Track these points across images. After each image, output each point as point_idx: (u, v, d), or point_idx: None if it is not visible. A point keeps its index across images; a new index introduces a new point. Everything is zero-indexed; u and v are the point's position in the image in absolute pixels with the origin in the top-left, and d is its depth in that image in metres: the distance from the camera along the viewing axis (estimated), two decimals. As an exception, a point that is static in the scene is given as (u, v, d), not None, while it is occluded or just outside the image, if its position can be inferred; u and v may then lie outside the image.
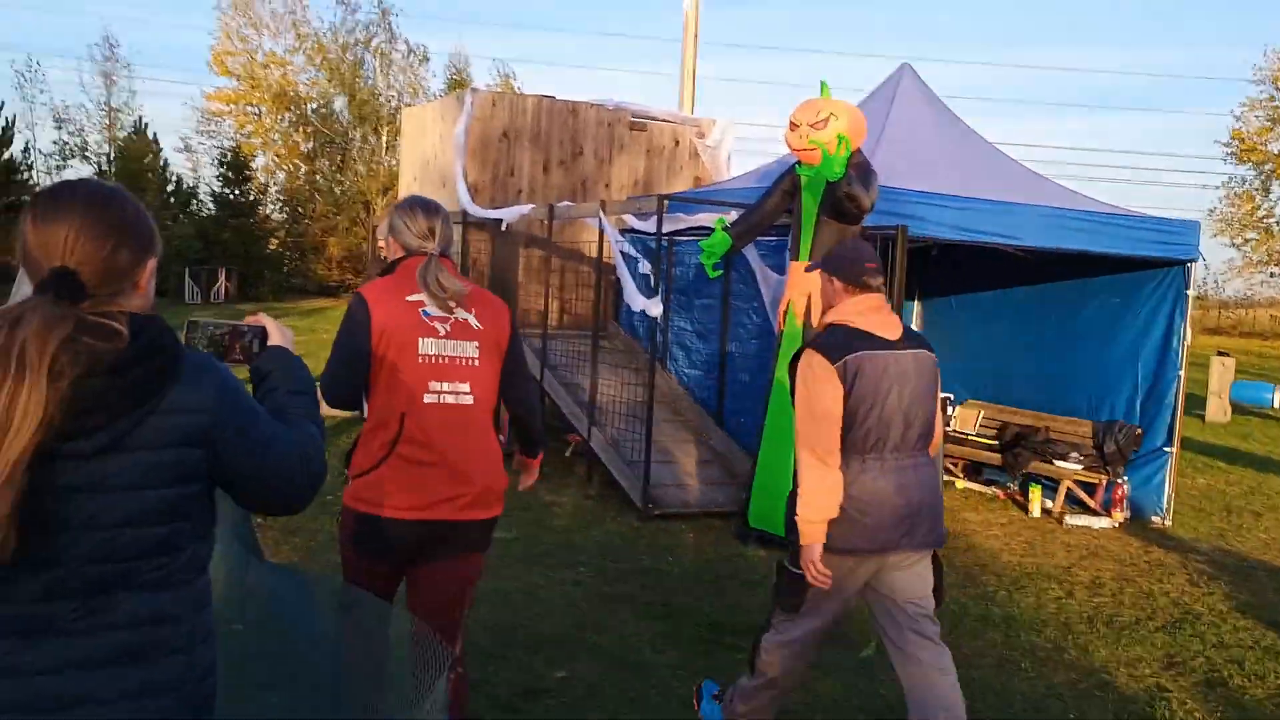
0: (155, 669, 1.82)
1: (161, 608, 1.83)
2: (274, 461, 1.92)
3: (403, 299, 3.26)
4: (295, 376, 2.15)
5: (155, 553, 1.81)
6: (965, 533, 8.16)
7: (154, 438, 1.78)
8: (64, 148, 37.82)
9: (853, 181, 6.91)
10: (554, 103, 11.02)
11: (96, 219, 1.81)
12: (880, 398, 3.67)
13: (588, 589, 6.19)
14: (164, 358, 1.80)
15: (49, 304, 1.72)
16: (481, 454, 3.31)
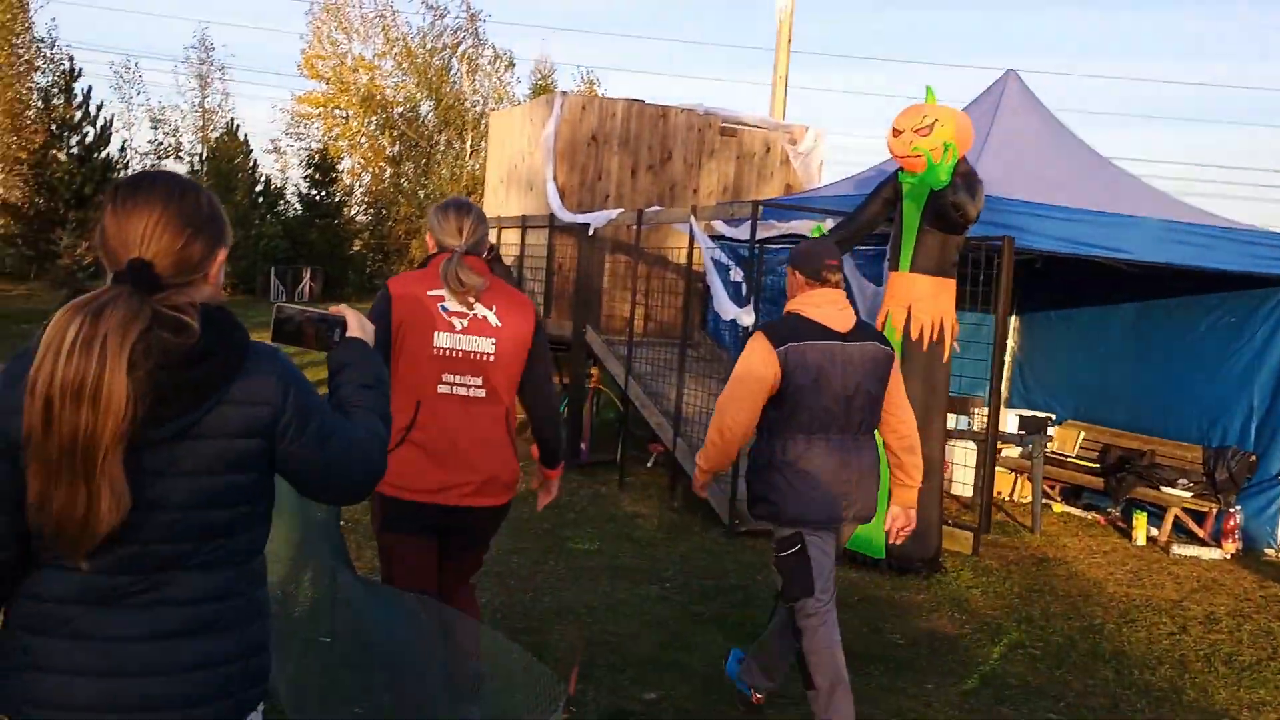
0: (213, 643, 1.90)
1: (220, 586, 1.91)
2: (333, 454, 1.98)
3: (424, 293, 3.44)
4: (368, 369, 2.18)
5: (217, 534, 1.89)
6: (1065, 559, 7.79)
7: (220, 427, 1.85)
8: (159, 147, 38.62)
9: (959, 190, 6.62)
10: (644, 107, 10.85)
11: (173, 211, 1.86)
12: (824, 383, 3.97)
13: (674, 606, 5.98)
14: (232, 351, 1.86)
15: (127, 296, 1.77)
16: (490, 445, 3.50)
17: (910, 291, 7.07)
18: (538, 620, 5.59)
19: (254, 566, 2.00)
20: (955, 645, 5.71)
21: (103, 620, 1.84)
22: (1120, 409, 9.91)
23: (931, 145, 6.72)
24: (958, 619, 6.17)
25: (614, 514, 8.07)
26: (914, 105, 7.08)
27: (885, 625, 5.93)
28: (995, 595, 6.71)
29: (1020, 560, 7.63)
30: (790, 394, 3.97)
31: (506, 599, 5.90)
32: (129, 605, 1.85)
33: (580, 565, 6.68)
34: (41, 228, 28.65)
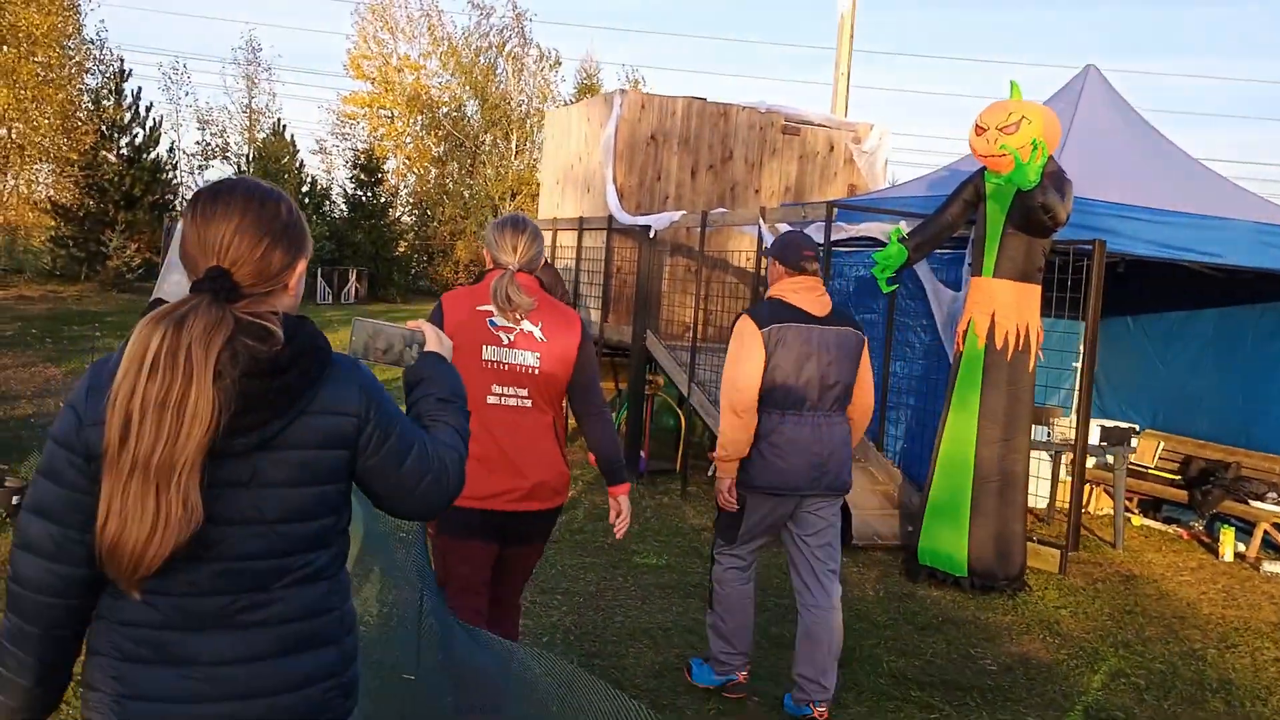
0: (314, 658, 1.88)
1: (315, 600, 1.89)
2: (411, 467, 1.95)
3: (474, 308, 3.61)
4: (446, 384, 2.17)
5: (306, 548, 1.87)
6: (1153, 577, 7.43)
7: (304, 437, 1.82)
8: (206, 148, 38.88)
9: (1048, 191, 6.31)
10: (704, 104, 10.58)
11: (255, 219, 1.83)
12: (802, 363, 4.35)
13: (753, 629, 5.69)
14: (316, 360, 1.84)
15: (208, 304, 1.75)
16: (537, 453, 3.64)
17: (993, 298, 6.75)
18: (611, 643, 5.33)
19: (343, 579, 1.99)
20: (1052, 672, 5.39)
21: (202, 644, 1.81)
22: (1202, 418, 9.52)
23: (1019, 143, 6.41)
24: (1050, 642, 5.85)
25: (679, 526, 7.80)
26: (999, 101, 6.77)
27: (975, 650, 5.63)
28: (1085, 616, 6.37)
29: (1106, 578, 7.29)
30: (769, 372, 4.35)
31: (576, 619, 5.65)
32: (227, 627, 1.82)
33: (649, 582, 6.43)
34: (92, 229, 28.81)
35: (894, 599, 6.45)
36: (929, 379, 8.11)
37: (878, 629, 5.84)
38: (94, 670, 1.83)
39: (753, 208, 10.51)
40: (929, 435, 7.99)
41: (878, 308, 8.68)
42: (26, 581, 1.80)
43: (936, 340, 8.01)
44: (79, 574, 1.79)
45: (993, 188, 6.76)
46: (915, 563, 6.93)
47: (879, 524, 7.65)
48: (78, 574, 1.79)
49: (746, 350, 4.35)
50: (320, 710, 1.90)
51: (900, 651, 5.50)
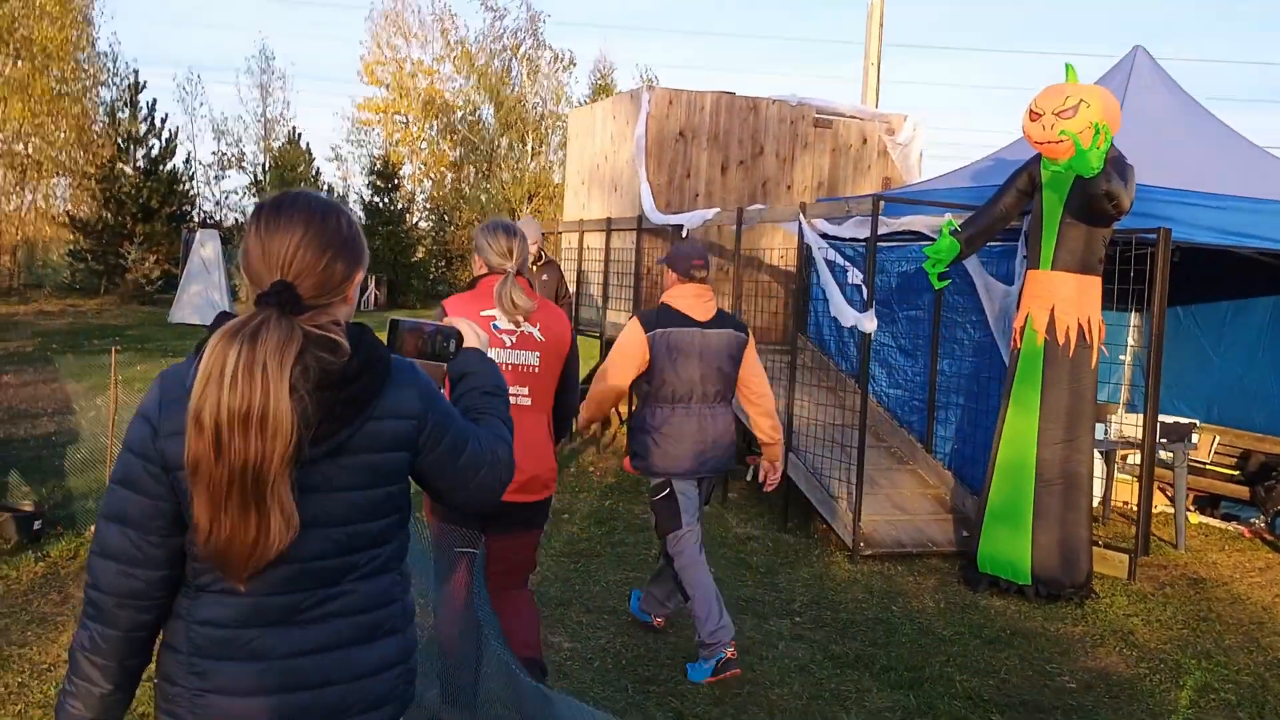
0: (381, 648, 1.96)
1: (381, 593, 1.96)
2: (468, 460, 2.04)
3: (477, 313, 3.81)
4: (488, 377, 2.25)
5: (372, 545, 1.94)
6: (1221, 579, 7.09)
7: (369, 442, 1.90)
8: (222, 158, 38.75)
9: (1112, 177, 5.98)
10: (733, 99, 10.27)
11: (317, 232, 1.88)
12: (687, 363, 4.89)
13: (812, 646, 5.40)
14: (380, 368, 1.90)
15: (277, 318, 1.78)
16: (534, 448, 3.85)
17: (1053, 291, 6.43)
18: (665, 667, 5.04)
19: (405, 571, 2.06)
20: (1135, 689, 5.08)
21: (279, 639, 1.88)
22: (1259, 411, 9.17)
23: (1078, 128, 6.08)
24: (1127, 655, 5.53)
25: (724, 537, 7.50)
26: (1054, 85, 6.45)
27: (1050, 666, 5.31)
28: (1159, 625, 6.05)
29: (1173, 581, 6.96)
30: (657, 371, 4.89)
31: (626, 640, 5.36)
32: (302, 621, 1.89)
33: (699, 597, 6.12)
34: (110, 242, 28.69)
35: (956, 610, 6.13)
36: (979, 377, 7.79)
37: (944, 644, 5.53)
38: (171, 666, 1.90)
39: (785, 204, 10.20)
40: (981, 435, 7.67)
41: (923, 304, 8.37)
42: (108, 587, 1.87)
43: (986, 337, 7.68)
44: (157, 577, 1.87)
45: (1049, 175, 6.44)
46: (975, 570, 6.61)
47: (932, 529, 7.34)
48: (156, 577, 1.87)
49: (627, 354, 4.89)
50: (388, 697, 1.99)
51: (972, 669, 5.19)
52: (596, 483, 9.12)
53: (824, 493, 7.41)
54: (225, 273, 24.99)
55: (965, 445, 7.85)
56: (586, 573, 6.46)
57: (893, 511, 7.42)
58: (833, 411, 8.42)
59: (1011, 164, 7.84)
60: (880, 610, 6.04)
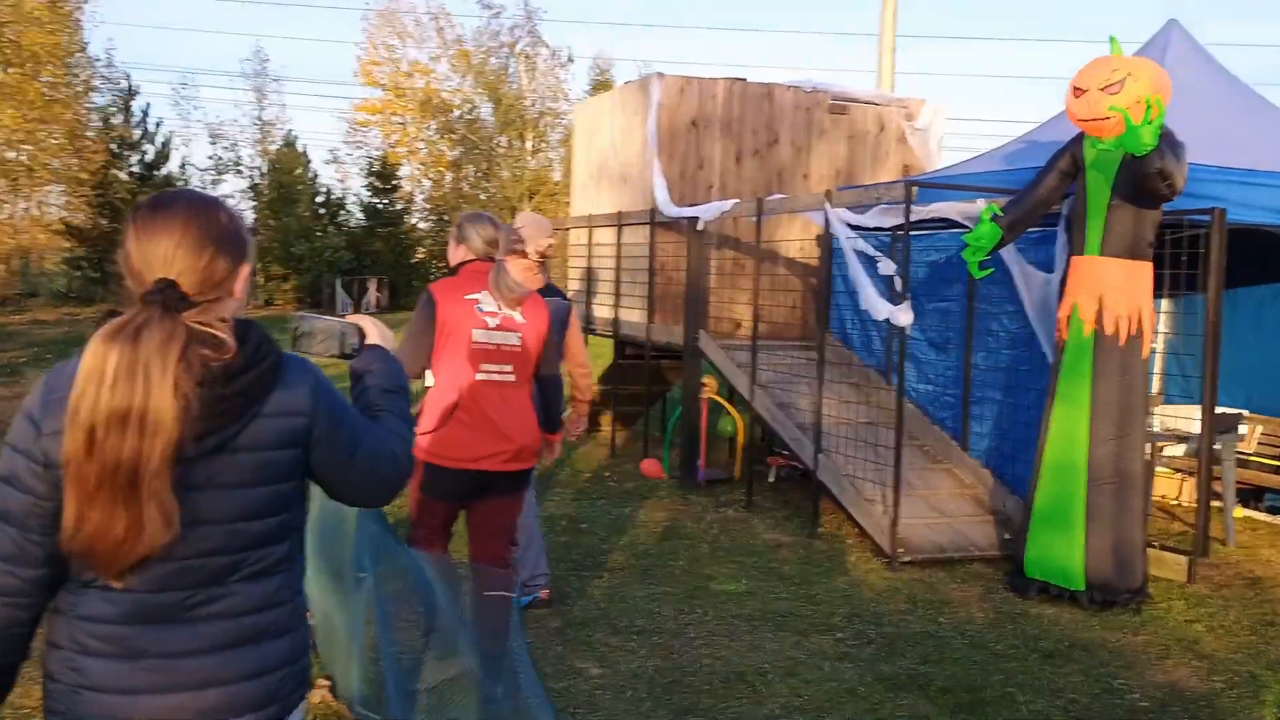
0: (268, 649, 1.94)
1: (270, 594, 1.94)
2: (362, 458, 2.02)
3: (462, 297, 4.13)
4: (389, 375, 2.22)
5: (261, 544, 1.92)
6: (1277, 578, 6.71)
7: (258, 439, 1.88)
8: (218, 163, 38.29)
9: (1165, 155, 5.59)
10: (746, 85, 9.87)
11: (197, 229, 1.86)
12: None
13: (859, 665, 5.02)
14: (269, 365, 1.89)
15: (160, 316, 1.78)
16: (520, 421, 4.22)
17: (1101, 279, 6.04)
18: (704, 693, 4.65)
19: (296, 572, 2.04)
20: (1213, 706, 4.69)
21: (159, 637, 1.86)
22: (1303, 399, 8.77)
23: (1126, 103, 5.70)
24: (1197, 667, 5.14)
25: (752, 544, 7.12)
26: (1099, 58, 6.06)
27: (1117, 682, 4.92)
28: (1225, 632, 5.66)
29: (1229, 582, 6.57)
30: None
31: (660, 661, 4.98)
32: (185, 620, 1.88)
33: (733, 612, 5.75)
34: (106, 249, 28.31)
35: (1007, 620, 5.75)
36: (1016, 370, 7.40)
37: (1000, 660, 5.14)
38: (53, 662, 1.89)
39: (801, 193, 9.81)
40: (1019, 431, 7.30)
41: (953, 295, 7.98)
42: None
43: (1023, 328, 7.30)
44: (36, 575, 1.84)
45: (1094, 155, 6.05)
46: (1023, 576, 6.23)
47: (973, 532, 6.95)
48: (35, 575, 1.84)
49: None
50: (273, 699, 1.96)
51: (1034, 688, 4.80)
52: (614, 488, 8.74)
53: (856, 495, 7.03)
54: (223, 278, 24.62)
55: (1003, 442, 7.47)
56: (611, 589, 6.07)
57: (930, 514, 7.03)
58: (860, 409, 8.04)
59: (1045, 146, 7.46)
60: (926, 623, 5.65)
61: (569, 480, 9.01)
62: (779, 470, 9.22)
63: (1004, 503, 7.21)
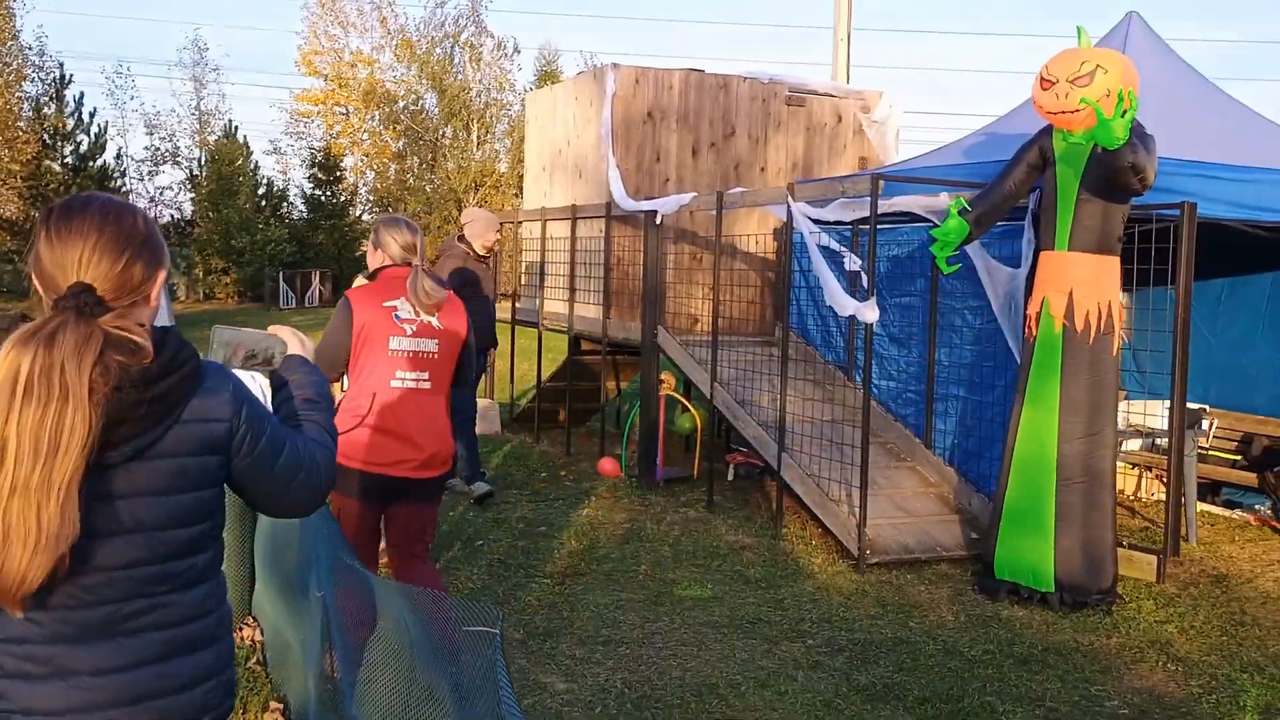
0: (197, 660, 1.93)
1: (196, 604, 1.94)
2: (285, 465, 2.02)
3: (380, 304, 4.12)
4: (310, 385, 2.24)
5: (185, 553, 1.91)
6: (1242, 575, 6.67)
7: (177, 446, 1.86)
8: (155, 153, 37.45)
9: (1138, 149, 5.50)
10: (703, 77, 9.69)
11: (112, 234, 1.85)
12: None
13: (834, 674, 4.87)
14: (187, 370, 1.87)
15: (74, 321, 1.76)
16: (433, 428, 4.19)
17: (1070, 274, 5.95)
18: (676, 707, 4.48)
19: (220, 581, 2.03)
20: (1193, 713, 4.60)
21: (86, 654, 1.83)
22: (1259, 393, 8.80)
23: (1097, 95, 5.59)
24: (1173, 671, 5.06)
25: (715, 547, 6.95)
26: (1067, 50, 5.96)
27: (1096, 688, 4.82)
28: (1196, 633, 5.59)
29: (1195, 580, 6.52)
30: None
31: (628, 673, 4.79)
32: (115, 635, 1.85)
33: (699, 619, 5.58)
34: (38, 242, 27.56)
35: (978, 624, 5.64)
36: (980, 366, 7.31)
37: (975, 667, 5.02)
38: None
39: (758, 186, 9.67)
40: (984, 428, 7.20)
41: (915, 290, 7.87)
42: None
43: (987, 323, 7.20)
44: None
45: (1063, 148, 5.95)
46: (992, 578, 6.13)
47: (939, 532, 6.84)
48: None
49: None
50: (204, 710, 1.96)
51: (1013, 696, 4.68)
52: (571, 488, 8.54)
53: (822, 496, 6.89)
54: (162, 272, 24.06)
55: (967, 439, 7.37)
56: (573, 596, 5.88)
57: (896, 514, 6.91)
58: (822, 407, 7.91)
59: (1006, 139, 7.37)
60: (898, 628, 5.52)
61: (525, 481, 8.79)
62: (738, 468, 9.07)
63: (969, 501, 7.11)
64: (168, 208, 37.41)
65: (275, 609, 4.53)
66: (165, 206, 37.41)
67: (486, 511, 7.68)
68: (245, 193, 34.25)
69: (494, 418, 10.97)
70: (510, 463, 9.51)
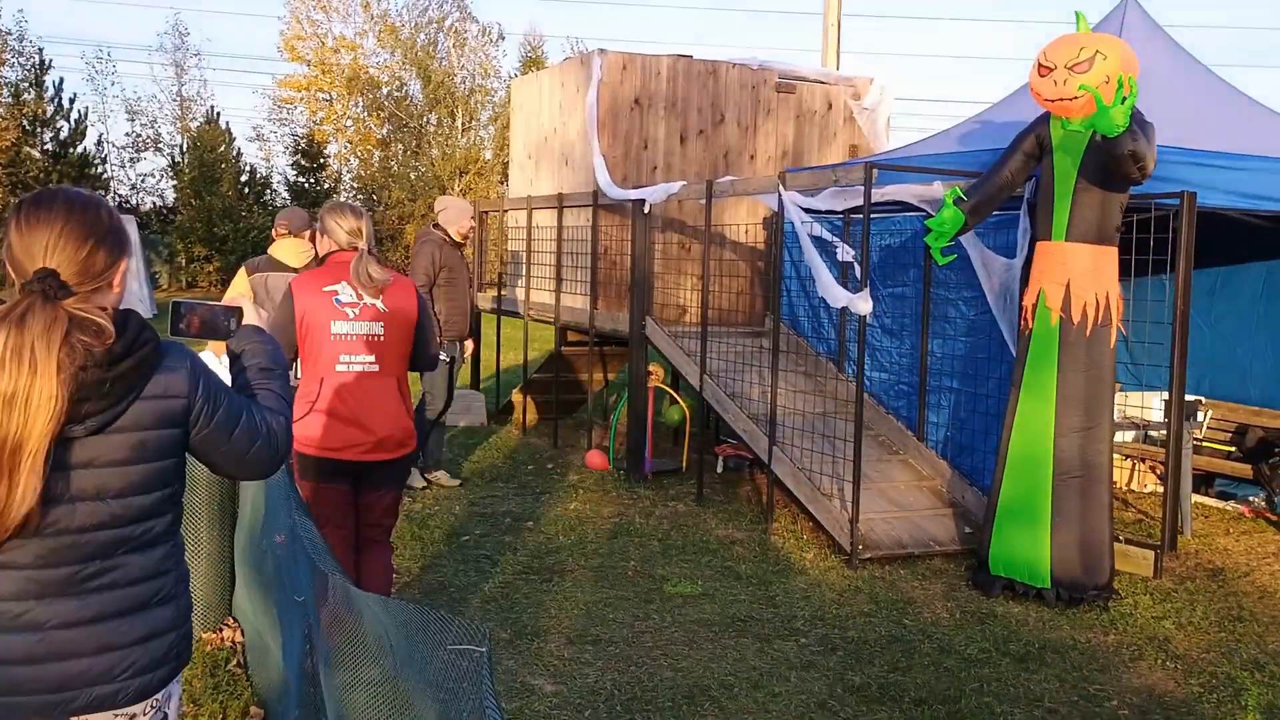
0: (157, 615, 2.14)
1: (155, 564, 2.14)
2: (240, 435, 2.20)
3: (319, 290, 4.16)
4: (265, 354, 2.40)
5: (144, 518, 2.10)
6: (1238, 569, 6.59)
7: (138, 420, 2.05)
8: (136, 140, 37.02)
9: (1138, 136, 5.38)
10: (691, 63, 9.54)
11: (78, 223, 2.03)
12: None
13: (827, 674, 4.76)
14: (147, 351, 2.05)
15: (41, 303, 1.94)
16: (382, 411, 4.21)
17: (1067, 265, 5.84)
18: (668, 707, 4.37)
19: (179, 543, 2.22)
20: (1194, 713, 4.51)
21: (55, 610, 2.01)
22: (1254, 383, 8.71)
23: (1097, 81, 5.48)
24: (1172, 669, 4.97)
25: (705, 541, 6.84)
26: (1065, 35, 5.84)
27: (1094, 688, 4.73)
28: (1194, 629, 5.51)
29: (1191, 574, 6.44)
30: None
31: (616, 677, 4.68)
32: (79, 592, 2.03)
33: (690, 617, 5.46)
34: (19, 230, 27.23)
35: (974, 621, 5.54)
36: (973, 358, 7.20)
37: (972, 666, 4.92)
38: None
39: (748, 174, 9.54)
40: (978, 421, 7.10)
41: (908, 280, 7.75)
42: None
43: (981, 314, 7.09)
44: None
45: (1061, 136, 5.84)
46: (987, 574, 6.03)
47: (933, 526, 6.74)
48: None
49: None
50: (164, 661, 2.15)
51: (1010, 697, 4.58)
52: (559, 482, 8.41)
53: (813, 490, 6.78)
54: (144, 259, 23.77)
55: (960, 432, 7.27)
56: (560, 593, 5.76)
57: (889, 508, 6.81)
58: (813, 399, 7.80)
59: (1000, 126, 7.25)
60: (892, 626, 5.42)
61: (511, 474, 8.66)
62: (727, 460, 8.97)
63: (963, 495, 7.02)
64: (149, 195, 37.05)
65: (256, 611, 4.40)
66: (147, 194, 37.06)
67: (473, 505, 7.56)
68: (228, 180, 33.87)
69: (479, 409, 10.83)
70: (497, 455, 9.38)
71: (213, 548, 4.81)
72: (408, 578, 5.91)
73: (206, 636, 4.78)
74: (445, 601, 5.55)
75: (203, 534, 4.78)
